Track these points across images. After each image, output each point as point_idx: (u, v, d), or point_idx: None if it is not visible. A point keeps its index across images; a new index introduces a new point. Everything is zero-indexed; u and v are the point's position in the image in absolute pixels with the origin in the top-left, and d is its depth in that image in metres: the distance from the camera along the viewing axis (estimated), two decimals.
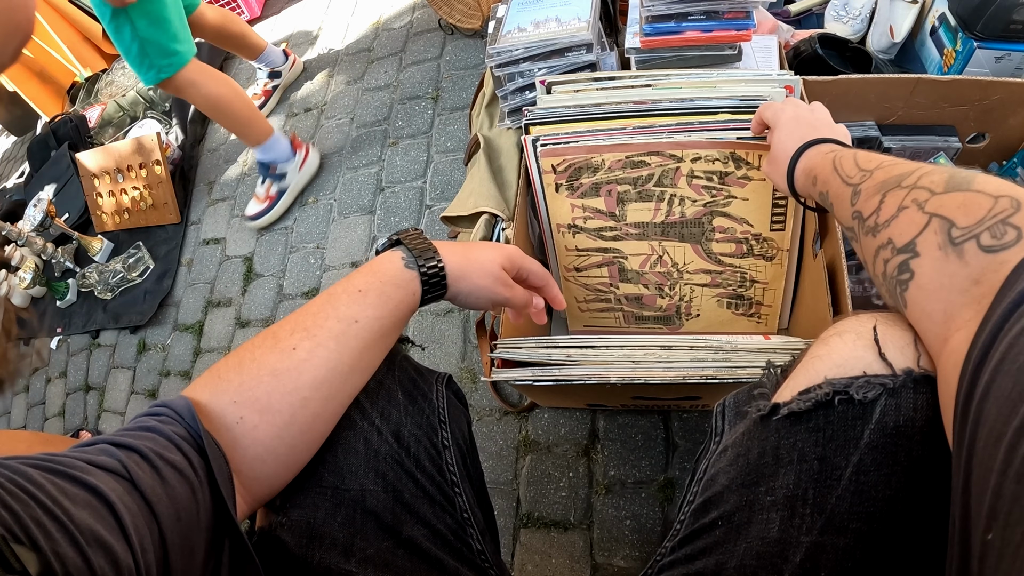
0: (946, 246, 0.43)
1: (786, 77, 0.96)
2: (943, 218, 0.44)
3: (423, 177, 1.81)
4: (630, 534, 1.13)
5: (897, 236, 0.48)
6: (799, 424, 0.50)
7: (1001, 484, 0.31)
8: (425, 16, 2.17)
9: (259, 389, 0.53)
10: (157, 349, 1.97)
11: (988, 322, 0.37)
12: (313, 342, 0.56)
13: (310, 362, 0.55)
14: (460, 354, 1.46)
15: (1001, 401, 0.33)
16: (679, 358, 0.76)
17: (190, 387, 0.54)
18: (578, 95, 1.02)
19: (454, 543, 0.65)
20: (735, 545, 0.52)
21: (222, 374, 0.54)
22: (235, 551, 0.49)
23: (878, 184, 0.53)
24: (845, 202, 0.58)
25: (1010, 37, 1.14)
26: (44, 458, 0.41)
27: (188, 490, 0.45)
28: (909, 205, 0.48)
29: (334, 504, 0.58)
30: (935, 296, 0.43)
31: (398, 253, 0.63)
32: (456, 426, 0.69)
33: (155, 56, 1.57)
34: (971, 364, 0.37)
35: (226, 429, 0.52)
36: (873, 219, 0.52)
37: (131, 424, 0.49)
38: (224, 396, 0.53)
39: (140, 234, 2.23)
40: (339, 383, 0.57)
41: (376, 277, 0.61)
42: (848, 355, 0.49)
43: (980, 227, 0.41)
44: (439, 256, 0.64)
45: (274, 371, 0.54)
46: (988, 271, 0.40)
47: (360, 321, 0.58)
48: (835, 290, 0.89)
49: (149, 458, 0.44)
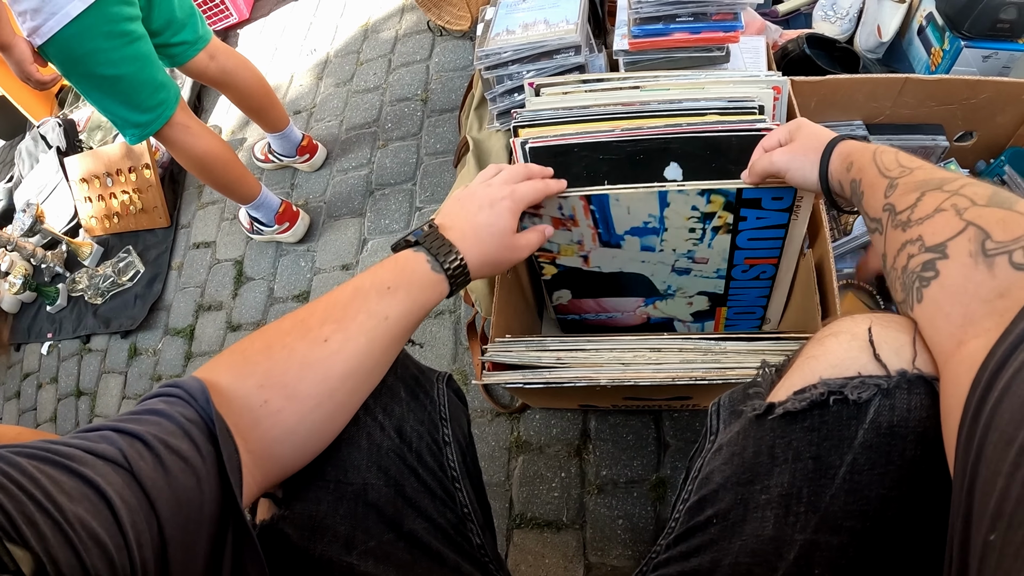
0: (977, 255, 0.43)
1: (774, 78, 0.96)
2: (980, 228, 0.44)
3: (413, 179, 1.81)
4: (623, 533, 1.13)
5: (929, 235, 0.48)
6: (794, 423, 0.50)
7: (1008, 487, 0.32)
8: (414, 18, 2.17)
9: (288, 376, 0.54)
10: (148, 354, 1.96)
11: (1010, 334, 0.38)
12: (345, 335, 0.57)
13: (341, 355, 0.56)
14: (452, 356, 1.46)
15: (1015, 407, 0.34)
16: (669, 360, 0.77)
17: (209, 366, 0.54)
18: (566, 97, 1.02)
19: (454, 537, 0.65)
20: (730, 543, 0.53)
21: (249, 356, 0.55)
22: (238, 544, 0.48)
23: (918, 182, 0.54)
24: (878, 192, 0.58)
25: (997, 36, 1.15)
26: (40, 447, 0.40)
27: (193, 480, 0.45)
28: (947, 208, 0.48)
29: (336, 497, 0.59)
30: (957, 299, 0.44)
31: (421, 255, 0.64)
32: (456, 424, 0.70)
33: (124, 127, 1.45)
34: (987, 372, 0.38)
35: (248, 410, 0.52)
36: (907, 214, 0.52)
37: (139, 406, 0.48)
38: (250, 379, 0.53)
39: (130, 238, 2.22)
40: (365, 376, 0.59)
41: (404, 276, 0.62)
42: (843, 355, 0.50)
43: (1015, 245, 0.41)
44: (456, 250, 0.66)
45: (305, 361, 0.55)
46: (1016, 287, 0.40)
47: (390, 318, 0.59)
48: (823, 290, 0.90)
49: (152, 446, 0.44)
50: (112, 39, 1.29)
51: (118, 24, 1.29)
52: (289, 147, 1.94)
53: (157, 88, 1.43)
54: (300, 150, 1.95)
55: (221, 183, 1.65)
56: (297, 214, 1.84)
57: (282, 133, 1.90)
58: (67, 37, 1.24)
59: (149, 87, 1.41)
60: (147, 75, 1.39)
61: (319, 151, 1.99)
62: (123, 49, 1.32)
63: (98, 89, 1.37)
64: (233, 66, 1.68)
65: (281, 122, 1.87)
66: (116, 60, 1.32)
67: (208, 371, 0.53)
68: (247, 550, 0.49)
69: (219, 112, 2.41)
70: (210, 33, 1.62)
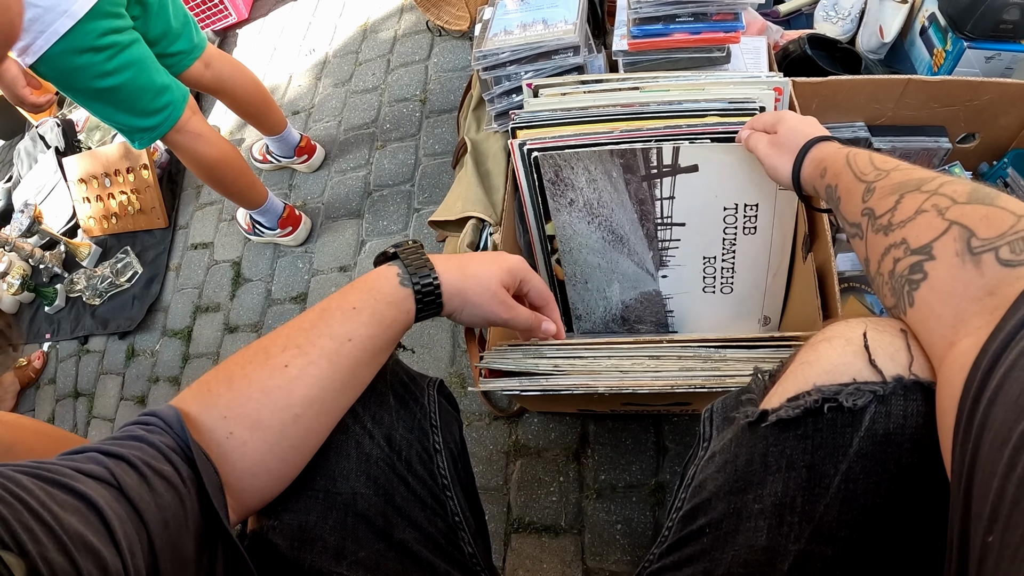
0: (964, 254, 0.43)
1: (775, 79, 0.95)
2: (964, 227, 0.44)
3: (411, 180, 1.80)
4: (621, 538, 1.12)
5: (913, 237, 0.48)
6: (788, 431, 0.49)
7: (1004, 487, 0.32)
8: (413, 18, 2.16)
9: (249, 405, 0.53)
10: (146, 355, 1.96)
11: (1000, 332, 0.37)
12: (305, 359, 0.55)
13: (302, 380, 0.55)
14: (449, 359, 1.45)
15: (1008, 406, 0.34)
16: (668, 367, 0.76)
17: (179, 397, 0.54)
18: (565, 98, 1.01)
19: (445, 546, 0.65)
20: (723, 553, 0.52)
21: (212, 387, 0.54)
22: (228, 556, 0.49)
23: (895, 184, 0.53)
24: (855, 197, 0.58)
25: (1000, 37, 1.14)
26: (33, 465, 0.40)
27: (176, 499, 0.45)
28: (929, 209, 0.48)
29: (326, 507, 0.58)
30: (947, 300, 0.43)
31: (394, 269, 0.61)
32: (447, 431, 0.69)
33: (130, 133, 1.44)
34: (980, 370, 0.37)
35: (216, 444, 0.51)
36: (887, 218, 0.52)
37: (119, 433, 0.49)
38: (214, 410, 0.52)
39: (128, 239, 2.21)
40: (331, 400, 0.57)
41: (371, 295, 0.60)
42: (837, 361, 0.49)
43: (1001, 241, 0.41)
44: (435, 273, 0.62)
45: (264, 388, 0.54)
46: (1004, 284, 0.40)
47: (353, 340, 0.57)
48: (825, 293, 0.89)
49: (137, 466, 0.44)
50: (100, 52, 1.27)
51: (105, 37, 1.26)
52: (287, 148, 1.93)
53: (159, 92, 1.40)
54: (298, 151, 1.94)
55: (231, 190, 1.65)
56: (300, 218, 1.83)
57: (281, 136, 1.89)
58: (56, 55, 1.22)
59: (150, 92, 1.38)
60: (145, 80, 1.36)
61: (317, 152, 1.98)
62: (114, 59, 1.29)
63: (98, 101, 1.35)
64: (229, 73, 1.66)
65: (279, 126, 1.86)
66: (110, 71, 1.30)
67: (179, 401, 0.53)
68: (237, 564, 0.49)
69: (216, 114, 2.39)
70: (205, 41, 1.60)
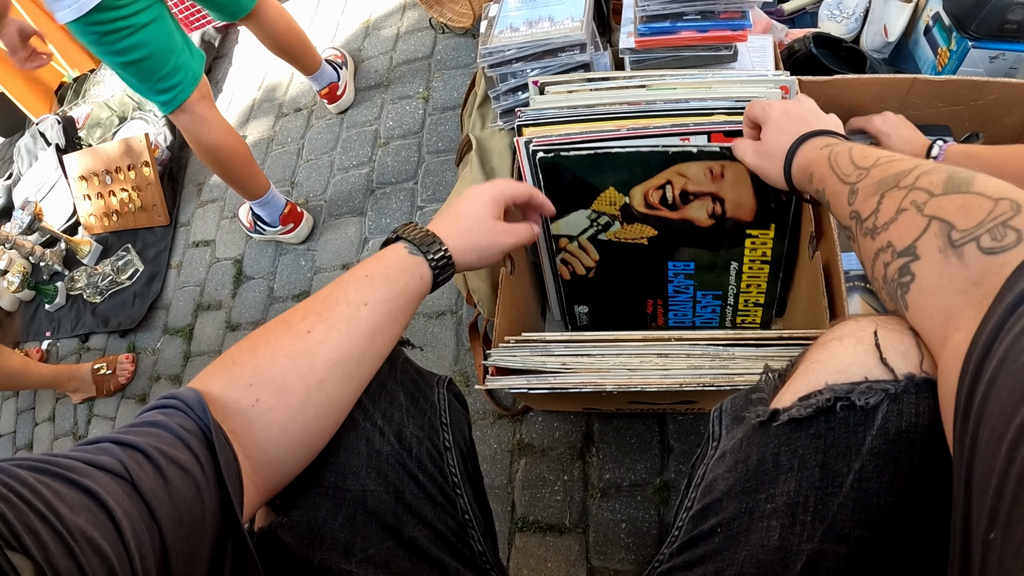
0: (946, 248, 0.43)
1: (782, 77, 0.95)
2: (943, 221, 0.44)
3: (414, 178, 1.79)
4: (626, 537, 1.12)
5: (897, 239, 0.48)
6: (800, 430, 0.49)
7: (1003, 483, 0.31)
8: (416, 15, 2.15)
9: (275, 371, 0.54)
10: (147, 353, 1.95)
11: (988, 321, 0.37)
12: (326, 324, 0.57)
13: (324, 344, 0.56)
14: (453, 357, 1.45)
15: (1003, 400, 0.33)
16: (676, 366, 0.76)
17: (200, 377, 0.55)
18: (572, 96, 1.01)
19: (455, 544, 0.65)
20: (734, 553, 0.52)
21: (235, 359, 0.55)
22: (237, 552, 0.48)
23: (875, 183, 0.53)
24: (842, 200, 0.58)
25: (1004, 37, 1.13)
26: (41, 459, 0.40)
27: (194, 491, 0.45)
28: (908, 207, 0.48)
29: (335, 504, 0.59)
30: (936, 298, 0.44)
31: (400, 244, 0.66)
32: (457, 429, 0.70)
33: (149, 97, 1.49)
34: (972, 363, 0.37)
35: (240, 414, 0.52)
36: (872, 221, 0.52)
37: (138, 418, 0.49)
38: (239, 380, 0.53)
39: (129, 236, 2.21)
40: (352, 367, 0.58)
41: (380, 263, 0.63)
42: (849, 360, 0.49)
43: (980, 229, 0.41)
44: (439, 240, 0.66)
45: (289, 353, 0.55)
46: (989, 273, 0.40)
47: (369, 304, 0.60)
48: (831, 292, 0.89)
49: (153, 457, 0.44)
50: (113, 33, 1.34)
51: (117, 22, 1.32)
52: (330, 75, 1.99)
53: (170, 73, 1.44)
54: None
55: (232, 177, 1.66)
56: (301, 215, 1.83)
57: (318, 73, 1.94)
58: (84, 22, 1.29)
59: (159, 72, 1.43)
60: (155, 62, 1.41)
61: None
62: (125, 40, 1.36)
63: (119, 69, 1.43)
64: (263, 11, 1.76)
65: (316, 61, 1.92)
66: (120, 50, 1.37)
67: (199, 382, 0.54)
68: (245, 560, 0.49)
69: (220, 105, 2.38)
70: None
